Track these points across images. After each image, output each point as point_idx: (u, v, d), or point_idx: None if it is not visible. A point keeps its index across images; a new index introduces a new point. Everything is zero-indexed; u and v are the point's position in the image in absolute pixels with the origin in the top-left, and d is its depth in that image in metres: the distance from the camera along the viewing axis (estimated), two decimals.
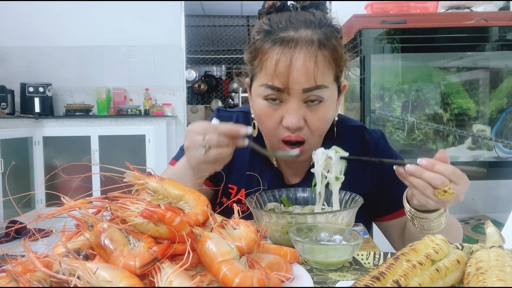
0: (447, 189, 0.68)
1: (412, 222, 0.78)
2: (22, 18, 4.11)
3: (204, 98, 7.07)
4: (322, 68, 0.79)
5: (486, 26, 1.94)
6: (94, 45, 4.19)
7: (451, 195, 0.68)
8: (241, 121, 1.00)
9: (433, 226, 0.76)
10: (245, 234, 0.54)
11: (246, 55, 0.88)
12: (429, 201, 0.70)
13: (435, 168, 0.68)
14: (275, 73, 0.78)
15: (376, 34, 1.94)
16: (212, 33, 6.95)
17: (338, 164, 0.78)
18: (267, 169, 0.96)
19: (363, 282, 0.42)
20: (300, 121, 0.80)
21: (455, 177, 0.68)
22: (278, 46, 0.79)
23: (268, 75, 0.80)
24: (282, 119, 0.82)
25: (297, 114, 0.80)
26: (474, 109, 2.22)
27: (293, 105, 0.80)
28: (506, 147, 2.10)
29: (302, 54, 0.78)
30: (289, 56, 0.78)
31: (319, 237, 0.68)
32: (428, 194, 0.69)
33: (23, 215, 0.52)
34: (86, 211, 0.51)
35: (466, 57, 2.18)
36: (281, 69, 0.78)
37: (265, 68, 0.81)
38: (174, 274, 0.45)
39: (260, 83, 0.83)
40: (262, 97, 0.83)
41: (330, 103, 0.84)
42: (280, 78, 0.78)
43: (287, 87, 0.79)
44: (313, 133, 0.84)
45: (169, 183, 0.59)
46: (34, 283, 0.44)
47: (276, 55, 0.79)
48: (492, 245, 0.50)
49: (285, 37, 0.79)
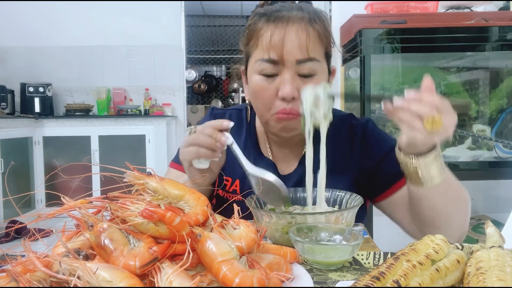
0: (435, 118, 0.67)
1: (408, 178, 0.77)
2: (22, 18, 4.11)
3: (204, 98, 7.08)
4: (313, 41, 0.85)
5: (486, 26, 1.94)
6: (94, 45, 4.19)
7: (439, 123, 0.67)
8: (234, 118, 1.04)
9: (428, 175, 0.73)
10: (245, 234, 0.55)
11: (241, 41, 0.94)
12: (418, 134, 0.69)
13: (422, 99, 0.68)
14: (270, 45, 0.84)
15: (376, 34, 1.94)
16: (212, 33, 6.95)
17: (326, 101, 0.80)
18: (260, 160, 0.98)
19: (363, 282, 0.42)
20: (294, 91, 0.84)
21: (442, 106, 0.68)
22: (272, 22, 0.86)
23: (263, 49, 0.85)
24: (277, 91, 0.85)
25: (291, 84, 0.84)
26: (474, 109, 2.22)
27: (288, 76, 0.84)
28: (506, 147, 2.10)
29: (294, 28, 0.84)
30: (282, 30, 0.84)
31: (319, 237, 0.68)
32: (416, 126, 0.68)
33: (23, 215, 0.52)
34: (86, 211, 0.51)
35: (466, 57, 2.18)
36: (275, 41, 0.83)
37: (260, 44, 0.86)
38: (174, 274, 0.45)
39: (256, 59, 0.87)
40: (257, 72, 0.87)
41: (322, 78, 0.87)
42: (275, 50, 0.84)
43: (281, 58, 0.84)
44: None
45: (169, 183, 0.59)
46: (34, 283, 0.44)
47: (270, 30, 0.85)
48: (492, 245, 0.50)
49: (278, 15, 0.86)
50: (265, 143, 1.02)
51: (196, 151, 0.79)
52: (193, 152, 0.79)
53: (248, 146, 1.01)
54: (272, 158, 1.00)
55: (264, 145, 1.02)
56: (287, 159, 1.00)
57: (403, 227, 0.93)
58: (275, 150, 1.01)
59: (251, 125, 1.04)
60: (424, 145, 0.72)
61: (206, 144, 0.78)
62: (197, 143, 0.78)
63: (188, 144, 0.80)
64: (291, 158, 0.99)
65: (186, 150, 0.80)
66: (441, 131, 0.68)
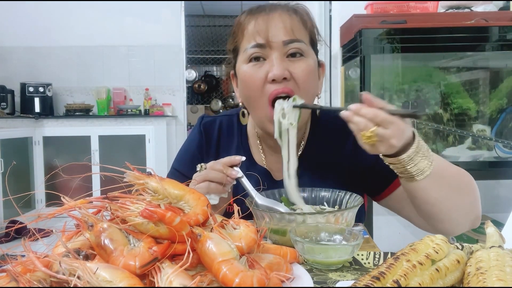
0: (368, 132, 0.67)
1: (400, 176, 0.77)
2: (22, 18, 4.11)
3: (204, 98, 7.08)
4: (297, 25, 0.87)
5: (486, 26, 1.94)
6: (94, 45, 4.18)
7: (373, 137, 0.66)
8: (225, 125, 1.04)
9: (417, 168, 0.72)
10: (245, 234, 0.55)
11: (228, 45, 0.96)
12: (365, 146, 0.70)
13: (360, 112, 0.68)
14: (255, 31, 0.86)
15: (376, 34, 1.94)
16: (212, 33, 6.95)
17: (292, 112, 0.83)
18: (253, 168, 0.97)
19: (363, 282, 0.42)
20: (284, 71, 0.85)
21: (379, 120, 0.67)
22: (257, 13, 0.89)
23: (249, 37, 0.87)
24: (267, 75, 0.86)
25: (280, 64, 0.85)
26: (474, 109, 2.22)
27: (276, 57, 0.85)
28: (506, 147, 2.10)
29: (277, 13, 0.87)
30: (266, 16, 0.87)
31: (319, 237, 0.68)
32: (359, 138, 0.69)
33: (23, 215, 0.52)
34: (86, 211, 0.51)
35: (466, 57, 2.18)
36: (259, 26, 0.86)
37: (246, 34, 0.88)
38: (174, 274, 0.45)
39: (243, 49, 0.89)
40: (246, 60, 0.88)
41: (311, 62, 0.88)
42: (260, 34, 0.85)
43: (267, 41, 0.85)
44: (300, 86, 0.86)
45: (169, 183, 0.59)
46: (34, 283, 0.44)
47: (254, 19, 0.88)
48: (492, 245, 0.50)
49: (260, 7, 0.90)
50: (258, 149, 1.00)
51: (207, 186, 0.80)
52: (204, 187, 0.80)
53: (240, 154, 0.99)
54: (266, 165, 0.99)
55: (257, 151, 1.00)
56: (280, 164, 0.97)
57: (413, 221, 0.92)
58: (268, 156, 1.00)
59: (242, 132, 1.03)
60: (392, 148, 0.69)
61: (217, 180, 0.79)
62: (208, 179, 0.79)
63: (199, 180, 0.80)
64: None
65: (198, 187, 0.80)
66: (380, 143, 0.68)
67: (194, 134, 1.05)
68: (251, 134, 1.02)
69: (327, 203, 0.84)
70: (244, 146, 1.01)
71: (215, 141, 1.02)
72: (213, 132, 1.03)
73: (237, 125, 1.03)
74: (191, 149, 1.04)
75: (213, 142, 1.02)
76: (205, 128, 1.03)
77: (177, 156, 1.06)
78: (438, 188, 0.76)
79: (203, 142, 1.02)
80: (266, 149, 1.00)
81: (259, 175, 0.94)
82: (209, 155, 1.01)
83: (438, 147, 2.23)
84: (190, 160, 1.02)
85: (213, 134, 1.03)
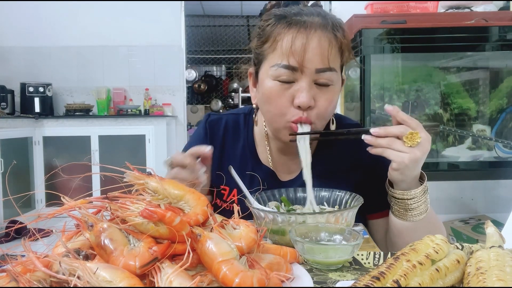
0: (412, 133, 0.73)
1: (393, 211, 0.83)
2: (22, 18, 4.11)
3: (204, 98, 7.07)
4: (334, 52, 0.83)
5: (486, 26, 1.94)
6: (94, 45, 4.18)
7: (417, 137, 0.73)
8: (231, 123, 1.02)
9: (413, 207, 0.80)
10: (245, 234, 0.54)
11: (253, 42, 0.90)
12: (402, 155, 0.74)
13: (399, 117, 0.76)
14: (291, 51, 0.80)
15: (376, 34, 1.94)
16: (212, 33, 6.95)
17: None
18: (258, 169, 0.97)
19: (363, 282, 0.42)
20: (311, 100, 0.82)
21: (413, 122, 0.75)
22: (294, 26, 0.82)
23: (282, 54, 0.82)
24: (292, 98, 0.83)
25: (309, 92, 0.82)
26: (474, 109, 2.22)
27: (305, 83, 0.82)
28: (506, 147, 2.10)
29: (317, 35, 0.81)
30: (305, 35, 0.80)
31: (319, 237, 0.68)
32: (398, 147, 0.74)
33: (23, 215, 0.52)
34: (86, 211, 0.51)
35: (466, 57, 2.18)
36: (296, 47, 0.80)
37: (279, 47, 0.82)
38: (174, 274, 0.45)
39: (272, 64, 0.84)
40: (273, 77, 0.84)
41: (337, 89, 0.86)
42: (295, 56, 0.80)
43: (301, 65, 0.80)
44: (320, 116, 0.85)
45: (169, 183, 0.59)
46: (34, 283, 0.44)
47: (292, 34, 0.81)
48: (492, 245, 0.50)
49: (300, 19, 0.82)
50: (265, 149, 0.99)
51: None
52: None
53: (246, 154, 0.99)
54: (272, 165, 0.98)
55: (264, 151, 0.99)
56: (287, 166, 0.98)
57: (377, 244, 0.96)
58: (275, 157, 0.98)
59: (249, 131, 1.01)
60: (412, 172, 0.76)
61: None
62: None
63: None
64: (291, 165, 0.97)
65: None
66: (421, 144, 0.74)
67: (199, 132, 1.04)
68: (258, 134, 1.00)
69: (327, 203, 0.84)
70: (250, 145, 1.00)
71: (220, 139, 1.01)
72: (218, 130, 1.02)
73: (243, 124, 1.02)
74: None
75: (218, 140, 1.01)
76: (210, 126, 1.02)
77: None
78: (419, 232, 0.82)
79: (208, 140, 1.01)
80: (273, 150, 0.99)
81: (264, 175, 0.94)
82: (214, 153, 1.00)
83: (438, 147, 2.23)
84: None
85: (218, 132, 1.02)
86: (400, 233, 0.84)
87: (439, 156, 2.19)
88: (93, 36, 4.17)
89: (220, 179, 0.96)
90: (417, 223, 0.81)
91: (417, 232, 0.82)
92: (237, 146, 1.00)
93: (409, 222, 0.81)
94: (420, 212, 0.80)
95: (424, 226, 0.82)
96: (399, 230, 0.84)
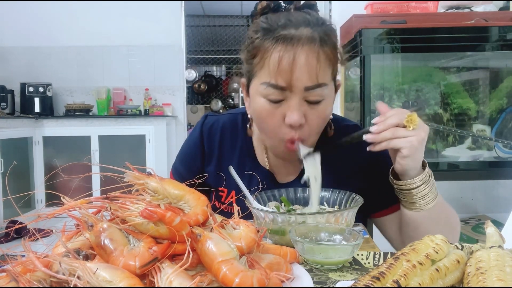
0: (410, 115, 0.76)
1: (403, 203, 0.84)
2: (22, 18, 4.11)
3: (204, 98, 7.07)
4: (323, 66, 0.80)
5: (486, 26, 1.94)
6: (94, 45, 4.19)
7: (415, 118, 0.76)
8: (228, 125, 1.01)
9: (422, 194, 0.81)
10: (245, 234, 0.54)
11: (243, 54, 0.88)
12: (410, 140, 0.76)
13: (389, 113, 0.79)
14: (278, 70, 0.78)
15: (376, 34, 1.94)
16: (212, 33, 6.95)
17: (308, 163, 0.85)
18: (257, 170, 0.96)
19: (363, 282, 0.42)
20: (302, 118, 0.81)
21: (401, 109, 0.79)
22: (281, 43, 0.79)
23: (270, 73, 0.80)
24: (283, 117, 0.82)
25: (299, 111, 0.80)
26: (474, 109, 2.22)
27: (295, 102, 0.80)
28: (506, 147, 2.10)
29: (304, 52, 0.78)
30: (292, 53, 0.78)
31: (319, 237, 0.68)
32: (403, 134, 0.76)
33: (23, 215, 0.52)
34: (86, 211, 0.51)
35: (466, 57, 2.17)
36: (284, 66, 0.78)
37: (267, 65, 0.80)
38: (174, 274, 0.45)
39: (261, 81, 0.82)
40: (262, 95, 0.83)
41: (329, 101, 0.85)
42: (283, 76, 0.78)
43: (289, 85, 0.79)
44: (312, 132, 0.85)
45: (169, 183, 0.59)
46: (34, 283, 0.44)
47: (278, 52, 0.78)
48: (492, 245, 0.50)
49: (287, 35, 0.79)
50: (262, 151, 0.98)
51: None
52: None
53: (244, 155, 0.98)
54: (269, 167, 0.98)
55: (261, 153, 0.99)
56: (285, 169, 0.98)
57: (392, 242, 0.97)
58: (273, 160, 0.98)
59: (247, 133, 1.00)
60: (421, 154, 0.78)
61: None
62: None
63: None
64: (289, 168, 0.97)
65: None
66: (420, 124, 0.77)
67: (194, 136, 1.02)
68: (256, 139, 1.00)
69: (327, 203, 0.84)
70: (249, 146, 0.99)
71: (218, 142, 1.00)
72: (215, 134, 1.00)
73: (241, 125, 1.01)
74: (189, 151, 1.03)
75: (215, 143, 1.00)
76: (206, 129, 1.01)
77: (177, 156, 1.06)
78: (433, 221, 0.83)
79: (203, 144, 1.00)
80: (271, 154, 0.98)
81: (262, 177, 0.94)
82: (212, 156, 1.00)
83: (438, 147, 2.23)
84: (187, 161, 1.02)
85: (215, 135, 1.00)
86: (417, 226, 0.84)
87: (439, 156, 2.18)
88: (93, 36, 4.17)
89: (219, 181, 0.96)
90: (430, 211, 0.82)
91: (433, 220, 0.83)
92: (235, 147, 1.00)
93: (422, 211, 0.82)
94: (431, 198, 0.81)
95: (438, 213, 0.83)
96: (415, 222, 0.84)
